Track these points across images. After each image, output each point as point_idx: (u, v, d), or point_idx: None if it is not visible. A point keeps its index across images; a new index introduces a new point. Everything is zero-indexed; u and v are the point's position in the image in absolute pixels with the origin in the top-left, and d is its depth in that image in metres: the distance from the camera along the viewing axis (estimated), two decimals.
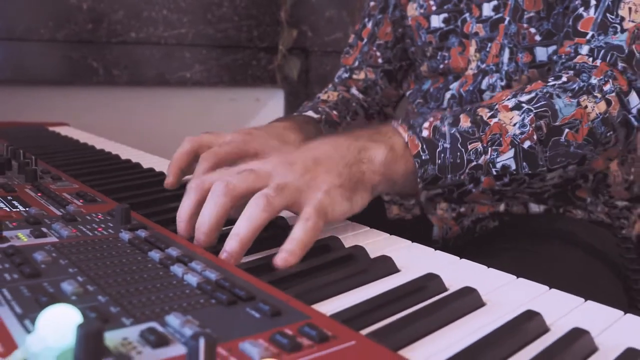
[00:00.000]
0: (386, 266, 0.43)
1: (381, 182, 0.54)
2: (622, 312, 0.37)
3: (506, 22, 0.77)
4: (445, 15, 0.85)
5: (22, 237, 0.41)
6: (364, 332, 0.32)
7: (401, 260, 0.44)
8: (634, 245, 0.83)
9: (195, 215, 0.47)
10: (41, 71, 1.41)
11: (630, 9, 0.63)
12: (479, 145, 0.57)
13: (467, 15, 0.82)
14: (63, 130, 1.15)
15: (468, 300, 0.37)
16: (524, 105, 0.59)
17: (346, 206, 0.50)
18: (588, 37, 0.65)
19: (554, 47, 0.74)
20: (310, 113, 0.85)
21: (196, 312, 0.31)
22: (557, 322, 0.35)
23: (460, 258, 0.47)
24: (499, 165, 0.58)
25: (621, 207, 0.81)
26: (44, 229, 0.43)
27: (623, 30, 0.63)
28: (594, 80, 0.61)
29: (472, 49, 0.83)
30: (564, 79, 0.62)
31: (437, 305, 0.36)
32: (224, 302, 0.33)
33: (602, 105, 0.60)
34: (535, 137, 0.58)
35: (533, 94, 0.60)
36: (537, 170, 0.59)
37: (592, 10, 0.66)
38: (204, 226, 0.46)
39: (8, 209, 0.49)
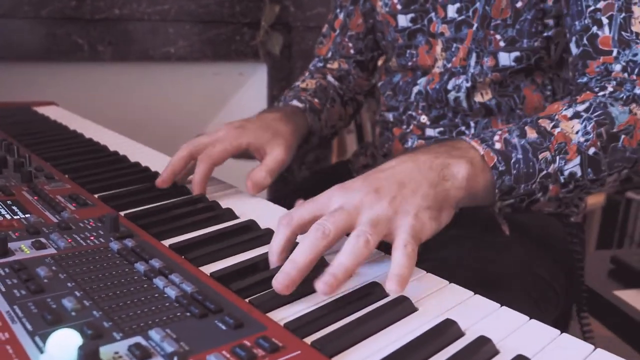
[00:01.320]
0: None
1: (464, 197, 0.56)
2: (527, 318, 0.44)
3: (474, 27, 0.82)
4: (412, 15, 0.89)
5: (25, 250, 0.48)
6: (311, 338, 0.39)
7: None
8: (577, 231, 0.92)
9: (286, 251, 0.50)
10: (27, 48, 1.43)
11: None
12: (548, 154, 0.60)
13: (433, 14, 0.87)
14: (51, 112, 1.19)
15: (402, 308, 0.44)
16: (582, 114, 0.62)
17: (435, 226, 0.52)
18: (614, 54, 0.68)
19: (516, 54, 0.80)
20: (295, 102, 0.90)
21: (174, 324, 0.39)
22: (472, 328, 0.43)
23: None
24: (566, 173, 0.61)
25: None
26: (43, 240, 0.50)
27: None
28: (638, 91, 0.65)
29: (438, 48, 0.88)
30: (611, 89, 0.66)
31: (375, 313, 0.43)
32: (196, 315, 0.40)
33: None
34: (598, 144, 0.61)
35: (587, 104, 0.63)
36: (600, 175, 0.62)
37: (606, 29, 0.69)
38: (297, 265, 0.46)
39: (9, 217, 0.56)
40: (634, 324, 0.99)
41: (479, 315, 0.44)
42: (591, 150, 0.61)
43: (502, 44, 0.80)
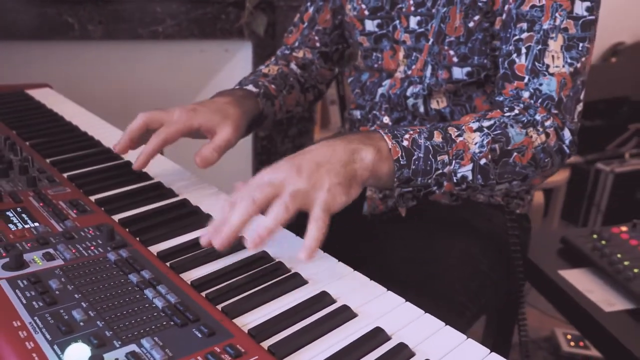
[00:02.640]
0: (296, 281, 0.61)
1: (370, 178, 0.68)
2: (443, 324, 0.56)
3: (430, 42, 0.90)
4: (378, 21, 0.97)
5: (37, 261, 0.58)
6: (269, 342, 0.51)
7: (309, 271, 0.62)
8: (522, 222, 1.03)
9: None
10: (20, 28, 1.49)
11: (552, 56, 0.78)
12: (445, 157, 0.72)
13: (397, 22, 0.95)
14: (44, 95, 1.26)
15: (344, 316, 0.55)
16: (485, 129, 0.74)
17: (344, 198, 0.64)
18: (525, 81, 0.79)
19: (468, 69, 0.89)
20: (250, 87, 0.97)
21: (161, 333, 0.50)
22: (397, 333, 0.54)
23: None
24: (459, 175, 0.73)
25: (518, 190, 0.99)
26: (52, 251, 0.60)
27: (551, 74, 0.78)
28: (538, 117, 0.77)
29: (401, 54, 0.96)
30: (516, 111, 0.78)
31: (322, 320, 0.54)
32: (178, 324, 0.51)
33: (543, 137, 0.76)
34: (490, 156, 0.73)
35: (493, 121, 0.75)
36: (488, 182, 0.74)
37: (523, 58, 0.80)
38: (231, 225, 0.59)
39: (21, 226, 0.65)
40: (571, 302, 1.11)
41: (405, 321, 0.56)
42: (482, 161, 0.73)
43: (455, 59, 0.88)
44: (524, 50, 0.79)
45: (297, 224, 0.64)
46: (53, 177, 0.80)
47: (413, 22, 0.92)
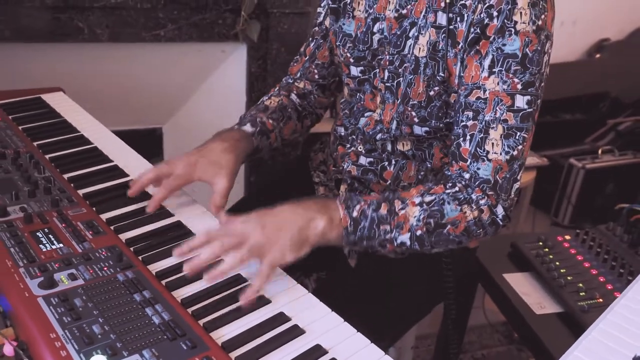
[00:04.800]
0: (261, 301, 0.79)
1: (320, 241, 0.87)
2: (368, 341, 0.74)
3: (398, 102, 1.04)
4: (361, 67, 1.10)
5: (64, 281, 0.76)
6: (236, 353, 0.69)
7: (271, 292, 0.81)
8: (468, 255, 1.20)
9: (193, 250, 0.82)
10: (35, 31, 1.64)
11: (492, 144, 0.93)
12: (388, 227, 0.90)
13: (377, 71, 1.08)
14: (58, 101, 1.41)
15: (294, 333, 0.74)
16: (424, 205, 0.91)
17: (293, 256, 0.83)
18: (467, 163, 0.94)
19: (426, 128, 1.03)
20: (247, 127, 1.12)
21: (157, 345, 0.68)
22: (334, 348, 0.72)
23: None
24: (399, 241, 0.91)
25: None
26: (74, 271, 0.78)
27: (489, 160, 0.93)
28: (474, 196, 0.93)
29: (378, 99, 1.10)
30: (457, 188, 0.93)
31: (278, 336, 0.73)
32: (170, 338, 0.69)
33: (476, 213, 0.92)
34: (424, 229, 0.90)
35: (433, 197, 0.91)
36: (423, 248, 0.92)
37: (467, 143, 0.94)
38: (198, 261, 0.80)
39: (49, 247, 0.83)
40: (509, 303, 1.26)
41: (341, 338, 0.74)
42: (418, 232, 0.90)
43: (416, 119, 1.03)
44: (468, 137, 0.94)
45: None
46: (72, 197, 0.98)
47: (386, 74, 1.05)
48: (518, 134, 0.92)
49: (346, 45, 1.09)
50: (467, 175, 0.95)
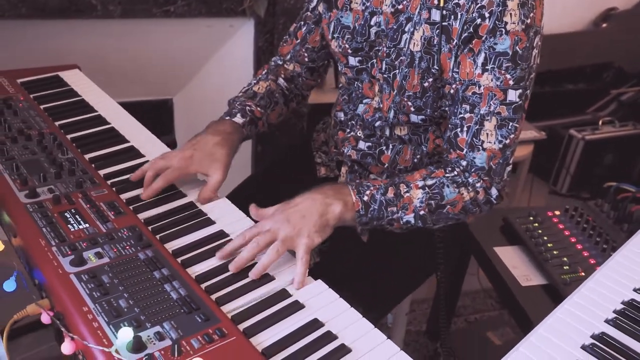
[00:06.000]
0: (266, 277, 0.89)
1: (338, 223, 0.97)
2: (372, 325, 0.83)
3: (394, 93, 1.11)
4: (359, 58, 1.16)
5: (92, 259, 0.86)
6: (244, 325, 0.79)
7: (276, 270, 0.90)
8: (460, 231, 1.29)
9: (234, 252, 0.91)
10: (50, 8, 1.70)
11: (487, 134, 1.03)
12: (394, 209, 1.01)
13: (374, 61, 1.14)
14: (74, 79, 1.48)
15: (295, 307, 0.83)
16: (426, 188, 1.02)
17: (320, 239, 0.93)
18: (464, 152, 1.04)
19: (422, 117, 1.11)
20: (238, 118, 1.18)
21: (175, 318, 0.78)
22: (329, 321, 0.82)
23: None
24: (404, 220, 1.02)
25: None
26: (101, 250, 0.88)
27: (484, 149, 1.02)
28: (470, 180, 1.05)
29: (376, 88, 1.16)
30: (455, 172, 1.05)
31: (281, 309, 0.82)
32: (186, 312, 0.79)
33: (472, 194, 1.04)
34: (427, 209, 1.02)
35: (435, 180, 1.03)
36: (426, 225, 1.04)
37: (464, 133, 1.04)
38: (241, 260, 0.88)
39: (77, 227, 0.92)
40: (497, 275, 1.34)
41: (335, 312, 0.84)
42: (421, 212, 1.01)
43: (412, 109, 1.10)
44: (465, 128, 1.04)
45: None
46: (93, 177, 1.06)
47: (384, 65, 1.11)
48: (510, 124, 1.02)
49: (345, 36, 1.15)
50: (464, 163, 1.05)
